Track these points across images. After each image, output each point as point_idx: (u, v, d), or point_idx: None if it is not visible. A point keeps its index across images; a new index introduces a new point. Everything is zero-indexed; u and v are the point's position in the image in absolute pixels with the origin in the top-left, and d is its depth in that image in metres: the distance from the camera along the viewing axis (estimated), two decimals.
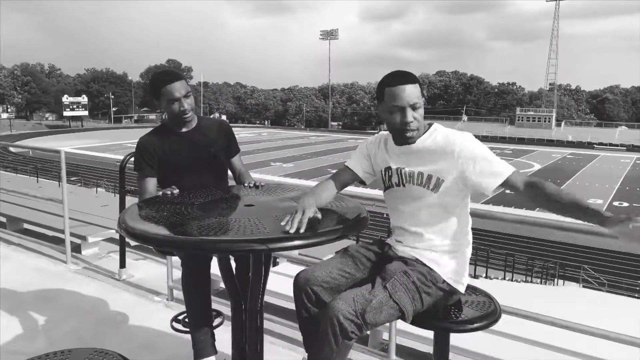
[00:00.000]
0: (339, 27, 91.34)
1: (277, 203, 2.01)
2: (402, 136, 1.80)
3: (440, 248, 1.82)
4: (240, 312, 2.02)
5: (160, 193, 2.13)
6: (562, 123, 68.75)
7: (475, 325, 1.76)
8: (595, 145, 58.07)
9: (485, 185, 1.68)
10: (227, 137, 2.41)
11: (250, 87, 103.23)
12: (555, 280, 15.53)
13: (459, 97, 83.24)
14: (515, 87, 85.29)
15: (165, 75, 2.23)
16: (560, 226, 2.35)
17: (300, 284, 1.79)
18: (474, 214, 1.94)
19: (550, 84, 76.99)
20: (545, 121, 67.24)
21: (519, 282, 11.85)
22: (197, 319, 2.28)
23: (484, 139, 63.67)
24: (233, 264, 2.15)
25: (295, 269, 3.88)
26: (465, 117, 76.13)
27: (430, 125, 1.86)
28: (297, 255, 3.51)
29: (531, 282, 13.07)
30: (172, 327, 2.55)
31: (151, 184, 2.27)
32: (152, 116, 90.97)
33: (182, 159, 2.28)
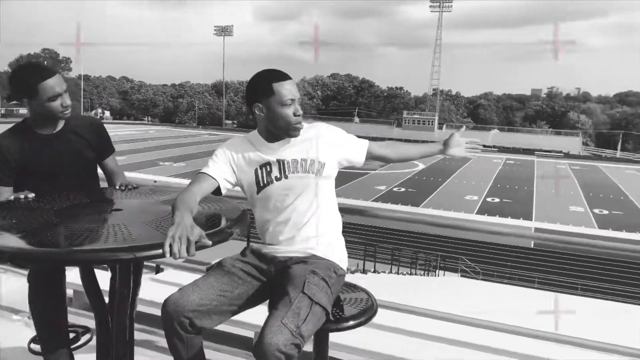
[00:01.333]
0: (233, 24, 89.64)
1: (148, 207, 1.88)
2: (293, 129, 1.82)
3: (328, 236, 1.86)
4: (106, 328, 1.86)
5: (12, 197, 1.89)
6: (444, 126, 74.14)
7: (352, 322, 1.79)
8: (483, 148, 63.30)
9: (357, 158, 1.95)
10: (100, 138, 2.20)
11: (137, 81, 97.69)
12: (437, 271, 16.72)
13: (352, 99, 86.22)
14: (402, 91, 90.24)
15: (39, 69, 1.98)
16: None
17: (170, 312, 1.60)
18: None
19: (433, 90, 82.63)
20: (428, 124, 72.07)
21: (404, 274, 12.55)
22: (50, 340, 2.05)
23: (374, 140, 66.78)
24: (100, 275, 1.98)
25: (181, 276, 3.70)
26: (357, 119, 79.06)
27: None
28: (180, 262, 3.34)
29: (415, 274, 13.93)
30: (30, 349, 2.29)
31: (4, 193, 1.98)
32: (23, 110, 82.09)
33: (45, 163, 2.03)
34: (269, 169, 1.84)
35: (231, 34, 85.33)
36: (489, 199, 31.46)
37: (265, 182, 1.84)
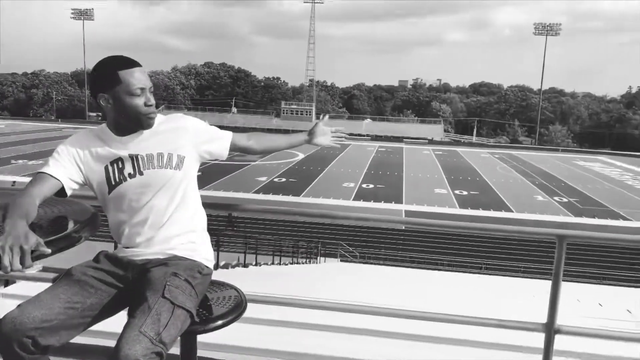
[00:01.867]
0: (94, 7, 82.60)
1: None
2: (145, 121, 1.67)
3: (191, 235, 1.76)
4: None
5: None
6: (321, 116, 76.06)
7: (221, 322, 1.72)
8: (347, 136, 66.17)
9: (220, 151, 1.87)
10: None
11: None
12: (318, 258, 17.19)
13: (228, 89, 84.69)
14: (279, 81, 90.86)
15: None
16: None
17: (7, 333, 1.40)
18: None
19: (309, 80, 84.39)
20: (306, 114, 73.57)
21: (287, 264, 12.71)
22: None
23: (254, 130, 66.71)
24: None
25: (36, 287, 3.31)
26: (234, 109, 77.96)
27: None
28: (33, 272, 2.97)
29: (297, 262, 14.18)
30: None
31: None
32: None
33: None
34: (120, 166, 1.69)
35: (92, 17, 78.58)
36: (364, 185, 33.06)
37: (117, 180, 1.68)
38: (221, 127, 2.01)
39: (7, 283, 4.11)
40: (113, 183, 1.68)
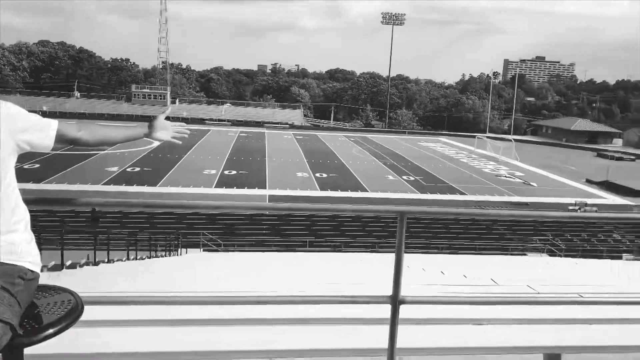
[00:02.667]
0: None
1: None
2: None
3: (11, 235, 1.55)
4: None
5: None
6: (177, 100, 72.95)
7: (52, 330, 1.57)
8: (206, 121, 64.39)
9: (43, 141, 1.65)
10: None
11: None
12: (179, 249, 16.53)
13: (69, 71, 76.55)
14: (129, 63, 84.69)
15: None
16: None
17: None
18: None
19: (163, 62, 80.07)
20: (160, 98, 69.82)
21: (144, 259, 12.00)
22: None
23: (100, 117, 61.48)
24: None
25: None
26: (77, 93, 70.85)
27: None
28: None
29: (156, 256, 13.47)
30: None
31: None
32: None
33: None
34: None
35: None
36: (226, 172, 32.57)
37: None
38: (62, 114, 1.75)
39: None
40: None
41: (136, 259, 11.45)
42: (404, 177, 33.64)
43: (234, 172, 32.78)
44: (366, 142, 54.10)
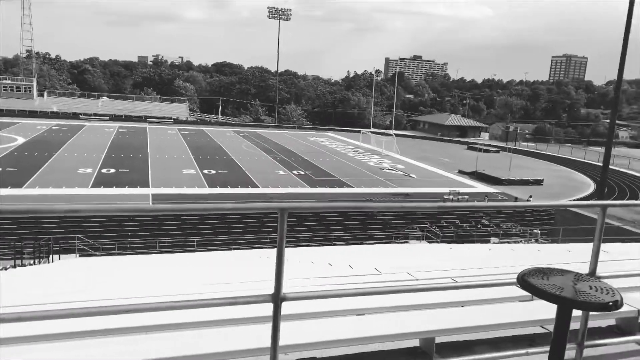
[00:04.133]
0: None
1: None
2: None
3: None
4: None
5: None
6: (45, 93, 66.40)
7: None
8: (81, 116, 59.41)
9: None
10: None
11: None
12: (51, 256, 15.06)
13: None
14: None
15: None
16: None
17: None
18: None
19: (27, 51, 72.27)
20: (26, 91, 63.03)
21: (7, 268, 10.73)
22: None
23: None
24: None
25: None
26: None
27: None
28: None
29: (22, 265, 12.10)
30: None
31: None
32: None
33: None
34: None
35: None
36: (104, 170, 30.31)
37: None
38: None
39: None
40: None
41: (22, 265, 10.16)
42: (294, 172, 33.96)
43: (112, 170, 30.60)
44: (256, 137, 53.73)
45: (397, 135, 53.77)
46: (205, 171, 32.26)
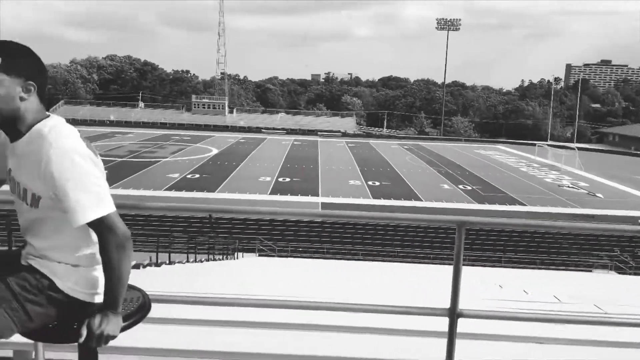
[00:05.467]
0: None
1: None
2: None
3: (63, 258, 1.59)
4: None
5: None
6: (234, 110, 74.98)
7: (123, 324, 1.65)
8: (263, 130, 65.75)
9: (69, 219, 1.46)
10: None
11: None
12: (235, 254, 16.93)
13: (134, 83, 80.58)
14: (189, 75, 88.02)
15: None
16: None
17: None
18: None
19: (221, 74, 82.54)
20: (219, 108, 71.97)
21: (202, 261, 12.38)
22: None
23: (162, 126, 64.14)
24: None
25: None
26: (142, 104, 74.36)
27: (39, 122, 1.51)
28: None
29: (214, 259, 13.86)
30: None
31: None
32: None
33: None
34: (9, 176, 1.67)
35: None
36: (280, 179, 33.05)
37: (9, 187, 1.71)
38: (127, 123, 1.79)
39: None
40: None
41: (195, 261, 11.84)
42: (460, 187, 32.84)
43: (287, 179, 33.21)
44: (420, 149, 53.31)
45: (579, 148, 48.42)
46: (370, 183, 33.06)
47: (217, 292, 2.56)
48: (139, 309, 1.75)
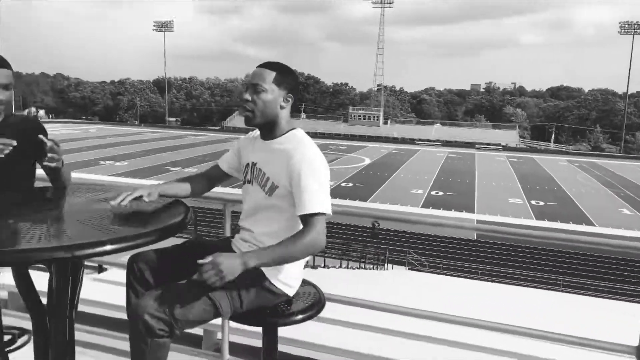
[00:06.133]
0: (174, 19, 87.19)
1: (86, 206, 1.80)
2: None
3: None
4: (43, 329, 1.77)
5: None
6: (389, 121, 75.67)
7: (301, 316, 1.80)
8: (416, 141, 65.18)
9: (296, 207, 1.72)
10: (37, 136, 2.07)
11: (74, 78, 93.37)
12: (385, 264, 17.04)
13: (298, 96, 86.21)
14: (347, 87, 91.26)
15: None
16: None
17: (131, 266, 1.78)
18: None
19: (377, 85, 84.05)
20: (374, 119, 73.30)
21: (354, 269, 12.71)
22: None
23: (321, 135, 67.37)
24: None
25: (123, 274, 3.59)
26: (304, 115, 79.20)
27: (293, 129, 1.86)
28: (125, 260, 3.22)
29: (364, 268, 14.14)
30: None
31: None
32: None
33: None
34: (248, 169, 1.96)
35: (172, 29, 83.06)
36: (433, 193, 32.37)
37: (244, 180, 1.98)
38: None
39: (100, 270, 4.47)
40: (243, 181, 1.94)
41: (347, 267, 12.21)
42: None
43: (440, 192, 32.37)
44: (594, 168, 47.66)
45: None
46: (533, 202, 30.55)
47: (376, 299, 2.63)
48: (314, 304, 1.86)
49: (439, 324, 2.34)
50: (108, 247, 1.40)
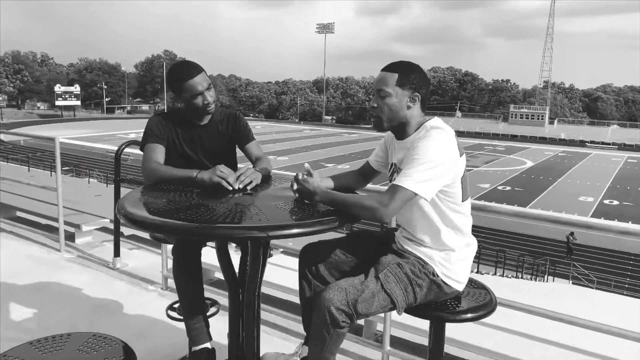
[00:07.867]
0: (335, 21, 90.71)
1: (277, 192, 2.00)
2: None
3: (434, 245, 1.80)
4: (237, 302, 2.02)
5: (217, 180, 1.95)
6: (555, 121, 69.16)
7: (471, 315, 1.77)
8: (587, 144, 58.41)
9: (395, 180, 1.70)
10: (239, 128, 2.37)
11: (244, 79, 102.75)
12: (546, 276, 15.65)
13: (453, 93, 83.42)
14: (509, 84, 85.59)
15: (186, 68, 2.13)
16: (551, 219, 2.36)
17: (304, 256, 1.91)
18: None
19: (544, 82, 77.33)
20: (538, 119, 67.60)
21: (510, 277, 11.94)
22: (191, 306, 2.26)
23: (477, 135, 64.19)
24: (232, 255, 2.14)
25: (289, 260, 3.89)
26: (459, 113, 76.36)
27: (426, 120, 1.83)
28: (291, 246, 3.50)
29: (522, 277, 13.17)
30: (168, 315, 2.56)
31: (159, 151, 2.15)
32: (145, 107, 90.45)
33: (191, 149, 2.25)
34: (391, 169, 1.97)
35: (332, 31, 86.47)
36: (606, 201, 28.81)
37: (389, 179, 1.95)
38: None
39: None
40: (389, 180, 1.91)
41: (503, 276, 11.52)
42: None
43: (615, 202, 28.65)
44: None
45: None
46: None
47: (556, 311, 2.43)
48: (484, 306, 1.81)
49: (625, 341, 2.12)
50: (296, 231, 1.55)
